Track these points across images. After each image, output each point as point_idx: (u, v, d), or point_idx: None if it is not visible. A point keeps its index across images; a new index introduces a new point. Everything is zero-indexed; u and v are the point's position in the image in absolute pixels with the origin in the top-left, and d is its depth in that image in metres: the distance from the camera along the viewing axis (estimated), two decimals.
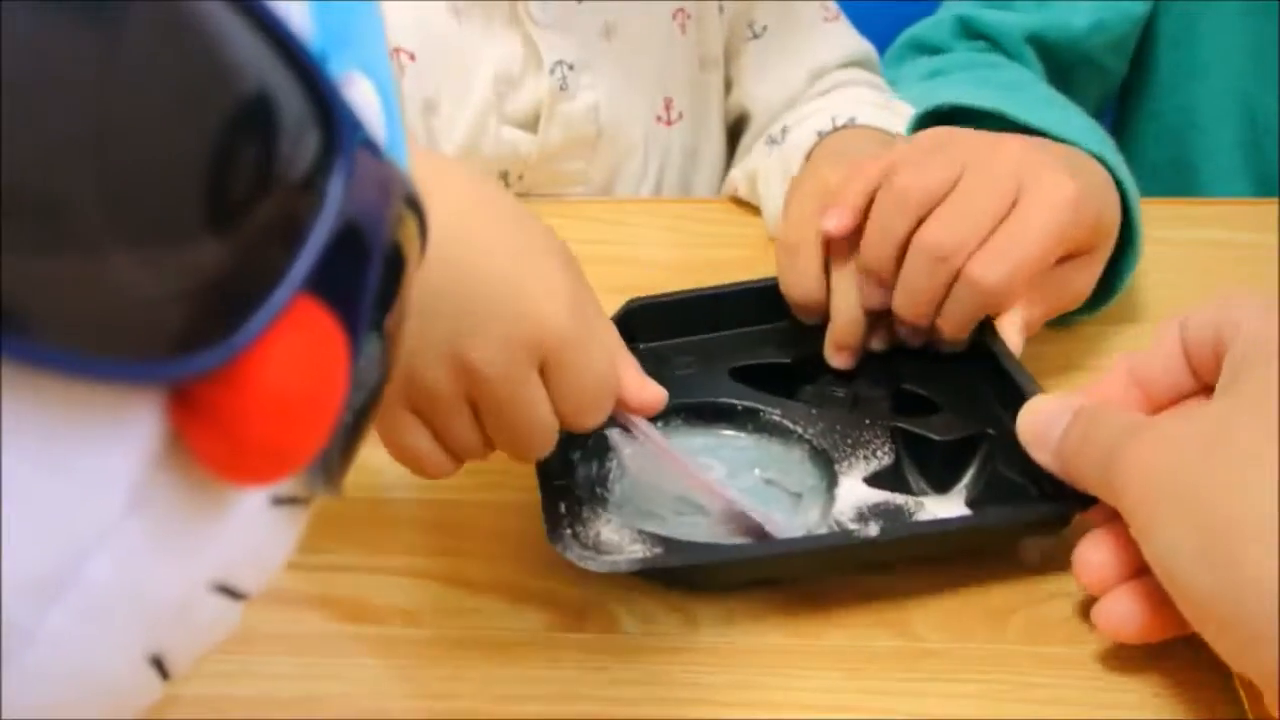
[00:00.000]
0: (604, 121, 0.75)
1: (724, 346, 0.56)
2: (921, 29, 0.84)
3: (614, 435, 0.48)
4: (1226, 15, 0.81)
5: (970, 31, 0.81)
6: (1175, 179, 0.85)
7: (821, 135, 0.69)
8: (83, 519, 0.18)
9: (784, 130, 0.73)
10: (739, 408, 0.53)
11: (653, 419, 0.47)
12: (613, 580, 0.48)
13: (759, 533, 0.47)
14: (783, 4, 0.78)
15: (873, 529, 0.46)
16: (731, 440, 0.53)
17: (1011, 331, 0.52)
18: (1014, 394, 0.49)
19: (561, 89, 0.73)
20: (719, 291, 0.58)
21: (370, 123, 0.21)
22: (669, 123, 0.77)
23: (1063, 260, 0.54)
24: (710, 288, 0.58)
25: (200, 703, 0.43)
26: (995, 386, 0.51)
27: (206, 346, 0.18)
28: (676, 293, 0.57)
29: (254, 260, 0.18)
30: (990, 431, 0.50)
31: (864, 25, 0.81)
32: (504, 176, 0.74)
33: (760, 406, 0.53)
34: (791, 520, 0.49)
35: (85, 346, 0.17)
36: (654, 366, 0.49)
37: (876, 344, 0.55)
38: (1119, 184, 0.57)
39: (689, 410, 0.52)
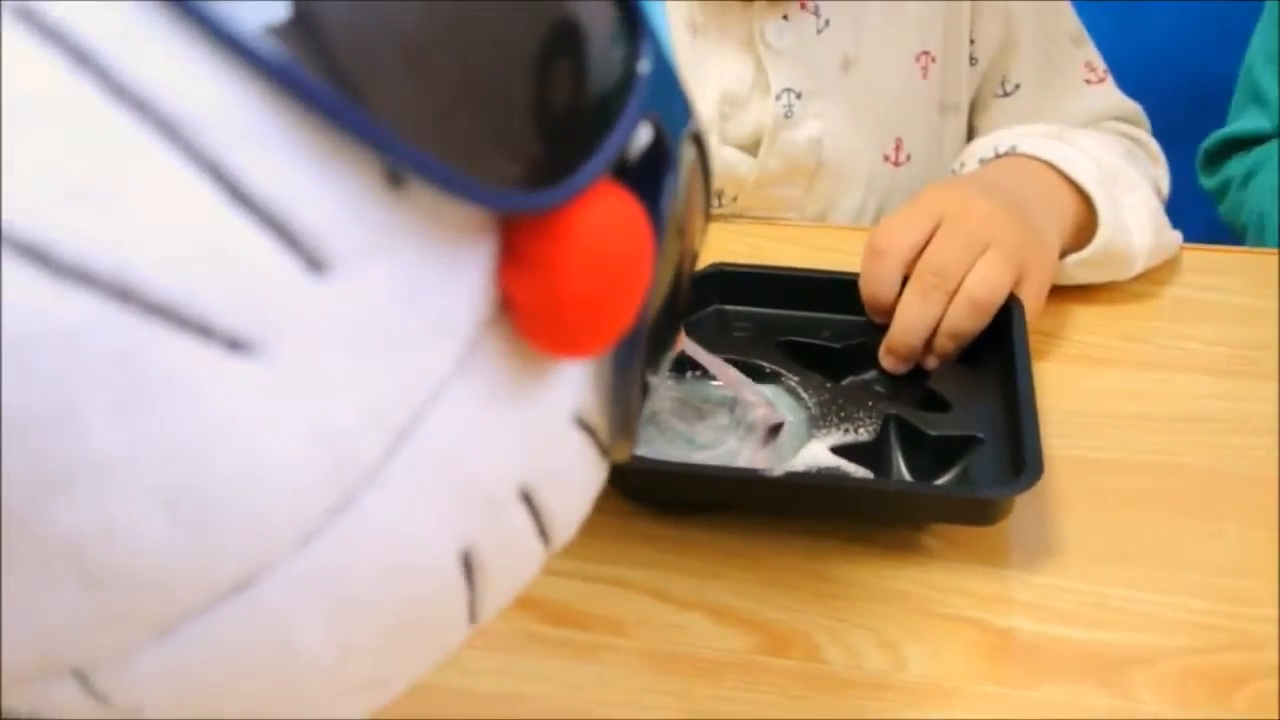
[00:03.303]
0: (826, 153, 0.74)
1: (785, 322, 0.61)
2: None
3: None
4: None
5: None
6: None
7: (983, 163, 0.68)
8: (425, 361, 0.20)
9: (962, 165, 0.72)
10: (766, 370, 0.57)
11: (693, 368, 0.55)
12: (819, 609, 0.47)
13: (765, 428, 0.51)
14: (1042, 63, 0.75)
15: (779, 470, 0.49)
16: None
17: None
18: (1012, 404, 0.52)
19: (786, 116, 0.73)
20: (796, 273, 0.63)
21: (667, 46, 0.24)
22: (896, 163, 0.76)
23: None
24: (791, 268, 0.63)
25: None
26: (1007, 396, 0.54)
27: (539, 189, 0.20)
28: (759, 266, 0.63)
29: (577, 132, 0.21)
30: (979, 436, 0.52)
31: None
32: (719, 196, 0.75)
33: (783, 372, 0.57)
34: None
35: (448, 162, 0.19)
36: (715, 325, 0.60)
37: (931, 362, 0.58)
38: None
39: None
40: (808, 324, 0.61)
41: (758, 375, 0.57)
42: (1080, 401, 0.59)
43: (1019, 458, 0.49)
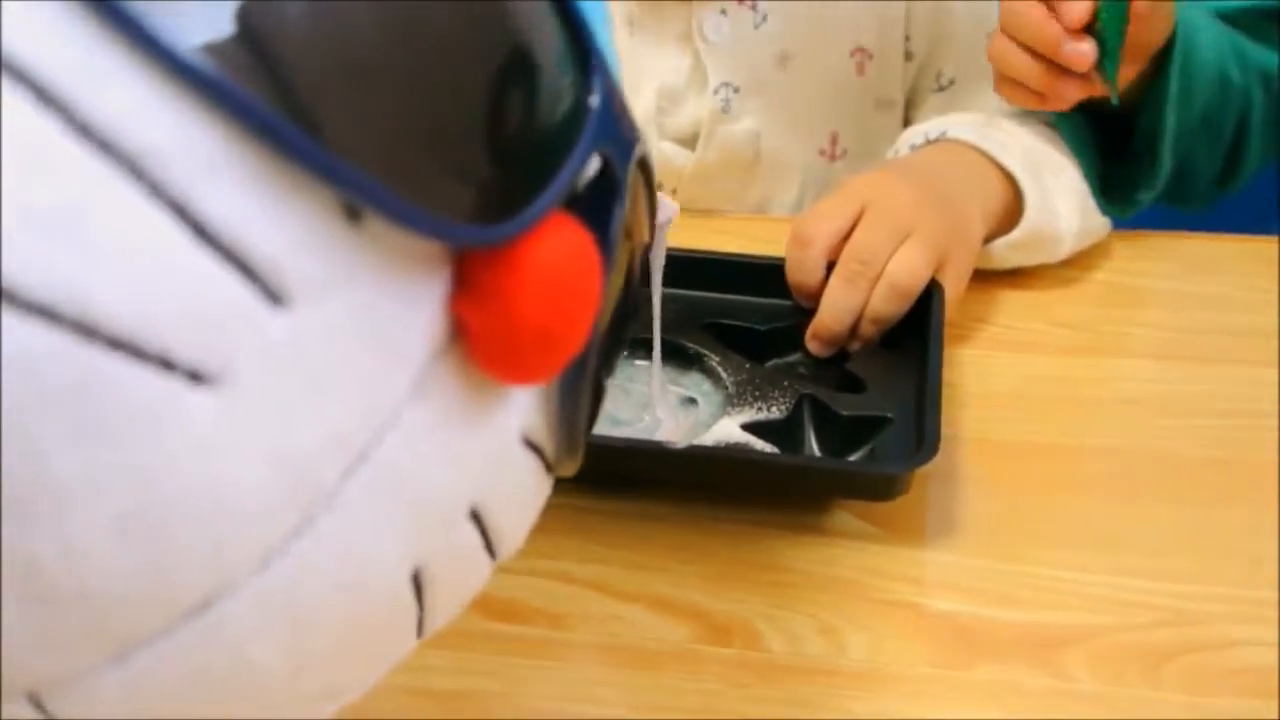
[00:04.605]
0: (763, 148, 0.75)
1: (712, 305, 0.62)
2: None
3: None
4: None
5: None
6: None
7: (915, 149, 0.69)
8: (381, 388, 0.20)
9: (896, 151, 0.73)
10: (689, 350, 0.58)
11: None
12: (759, 598, 0.48)
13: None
14: (976, 57, 0.76)
15: (680, 444, 0.50)
16: (671, 376, 0.58)
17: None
18: (921, 387, 0.54)
19: (723, 110, 0.73)
20: (726, 258, 0.64)
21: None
22: (832, 157, 0.77)
23: None
24: (719, 253, 0.64)
25: None
26: (921, 378, 0.55)
27: (494, 222, 0.20)
28: (692, 250, 0.63)
29: (530, 165, 0.21)
30: (889, 416, 0.54)
31: None
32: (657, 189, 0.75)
33: (705, 353, 0.58)
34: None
35: (406, 197, 0.19)
36: (646, 304, 0.57)
37: (855, 344, 0.59)
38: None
39: (647, 344, 0.57)
40: (736, 307, 0.62)
41: (681, 356, 0.58)
42: (1014, 386, 0.60)
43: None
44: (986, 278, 0.66)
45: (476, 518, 0.23)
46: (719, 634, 0.47)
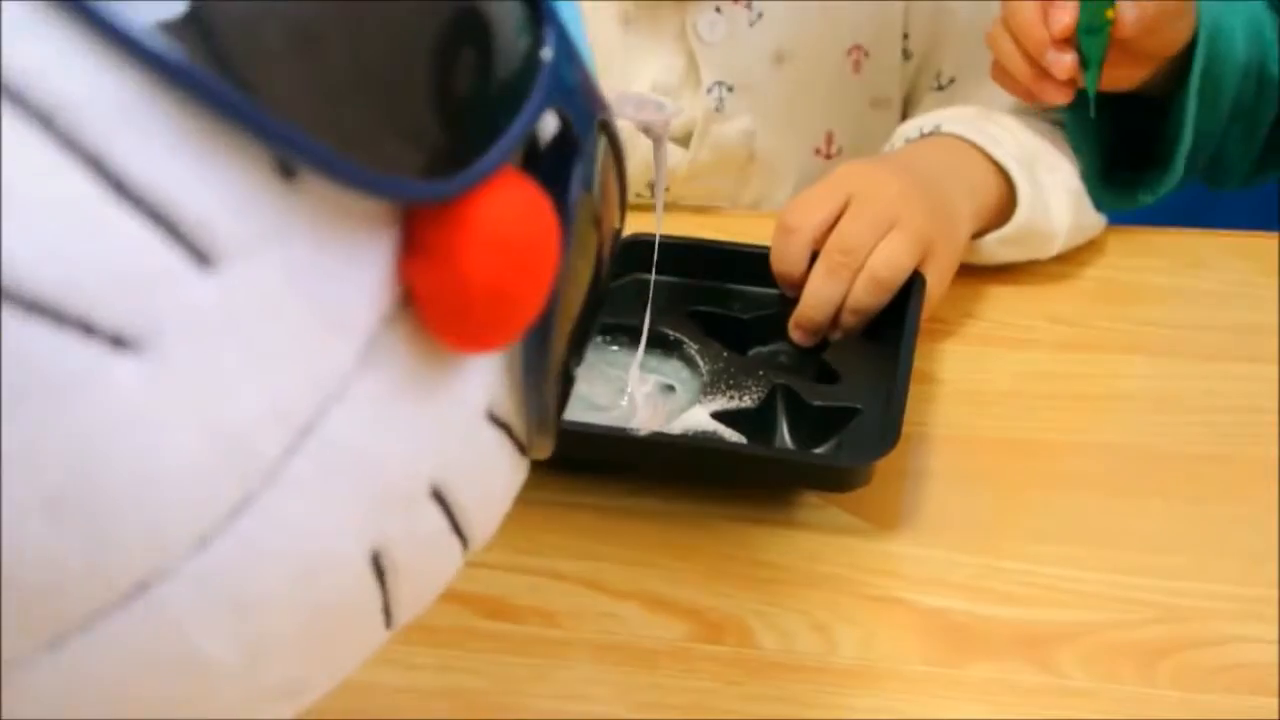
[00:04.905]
0: (758, 147, 0.75)
1: (697, 292, 0.62)
2: None
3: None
4: None
5: None
6: None
7: (909, 142, 0.69)
8: (324, 355, 0.20)
9: (892, 146, 0.73)
10: (670, 337, 0.58)
11: (600, 335, 0.56)
12: (751, 595, 0.48)
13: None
14: (975, 56, 0.76)
15: (643, 431, 0.50)
16: (651, 363, 0.58)
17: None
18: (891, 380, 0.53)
19: (717, 109, 0.73)
20: (711, 246, 0.64)
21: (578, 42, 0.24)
22: (827, 156, 0.77)
23: None
24: (705, 240, 0.64)
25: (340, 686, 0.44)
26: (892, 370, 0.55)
27: (439, 178, 0.20)
28: (676, 237, 0.62)
29: (478, 120, 0.21)
30: (858, 407, 0.53)
31: None
32: (650, 187, 0.75)
33: (685, 340, 0.58)
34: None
35: (340, 151, 0.19)
36: (633, 293, 0.59)
37: (837, 334, 0.59)
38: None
39: (632, 330, 0.57)
40: (722, 295, 0.62)
41: (662, 343, 0.58)
42: (1009, 382, 0.60)
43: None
44: (980, 273, 0.66)
45: (439, 497, 0.23)
46: (712, 631, 0.46)
